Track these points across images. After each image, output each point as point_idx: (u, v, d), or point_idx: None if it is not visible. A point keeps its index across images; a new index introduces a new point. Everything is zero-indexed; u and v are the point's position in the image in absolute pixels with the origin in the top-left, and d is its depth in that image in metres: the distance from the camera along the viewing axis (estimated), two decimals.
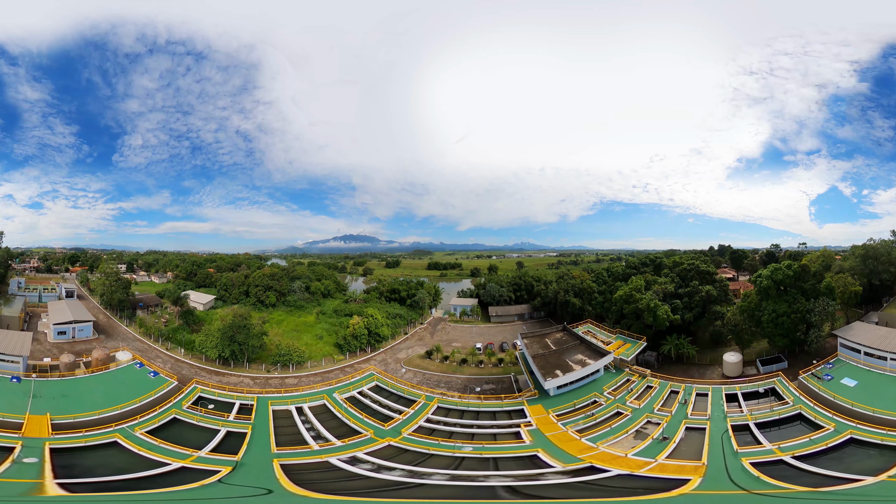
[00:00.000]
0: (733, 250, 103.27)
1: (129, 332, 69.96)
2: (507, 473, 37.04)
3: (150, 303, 78.68)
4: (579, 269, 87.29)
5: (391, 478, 36.43)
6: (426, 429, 46.70)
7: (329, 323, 76.54)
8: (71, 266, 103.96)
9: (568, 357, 55.75)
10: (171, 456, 38.03)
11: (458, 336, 77.24)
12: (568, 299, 74.13)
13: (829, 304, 56.37)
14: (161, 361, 62.26)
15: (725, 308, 65.39)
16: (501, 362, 66.50)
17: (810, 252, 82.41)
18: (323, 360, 66.79)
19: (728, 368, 59.42)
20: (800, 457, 37.02)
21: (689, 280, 65.29)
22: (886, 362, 50.46)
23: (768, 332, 58.56)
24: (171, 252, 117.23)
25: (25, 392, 46.89)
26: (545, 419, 47.47)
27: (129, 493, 32.73)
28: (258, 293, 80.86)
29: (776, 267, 58.17)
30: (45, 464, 34.15)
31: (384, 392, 55.14)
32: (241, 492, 34.06)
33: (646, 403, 50.27)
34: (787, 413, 45.83)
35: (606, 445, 41.59)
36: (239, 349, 62.52)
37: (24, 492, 30.50)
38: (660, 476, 35.51)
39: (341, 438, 43.06)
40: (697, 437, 42.71)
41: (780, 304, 57.18)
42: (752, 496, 32.29)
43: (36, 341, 61.00)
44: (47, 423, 41.36)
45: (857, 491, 31.62)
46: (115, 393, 49.18)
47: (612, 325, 65.23)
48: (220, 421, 45.95)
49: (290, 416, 48.48)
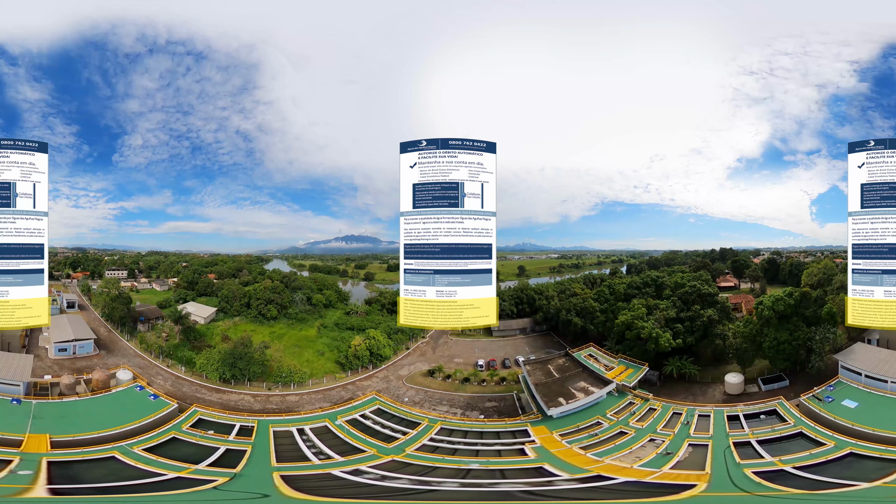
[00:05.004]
0: (735, 257, 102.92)
1: (129, 347, 69.96)
2: (516, 481, 37.67)
3: (151, 315, 78.76)
4: (580, 285, 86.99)
5: (397, 485, 36.88)
6: (430, 447, 46.97)
7: (330, 338, 76.45)
8: (72, 272, 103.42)
9: (571, 385, 56.06)
10: (168, 469, 38.36)
11: (460, 351, 77.14)
12: (570, 318, 74.29)
13: (830, 330, 56.66)
14: (162, 379, 62.47)
15: (727, 327, 65.57)
16: (504, 381, 66.62)
17: (811, 265, 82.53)
18: (325, 377, 67.01)
19: (730, 388, 60.01)
20: (800, 468, 38.02)
21: (691, 304, 65.34)
22: (887, 384, 50.73)
23: (770, 356, 59.19)
24: (172, 253, 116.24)
25: (26, 413, 47.15)
26: (549, 438, 47.96)
27: (120, 495, 33.74)
28: (259, 306, 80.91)
29: (777, 297, 58.69)
30: (41, 473, 35.20)
31: (386, 415, 55.36)
32: (236, 496, 34.54)
33: (649, 424, 50.71)
34: (788, 432, 46.13)
35: (612, 459, 42.37)
36: (240, 373, 62.81)
37: (16, 493, 32.04)
38: (667, 482, 36.72)
39: (344, 455, 43.24)
40: (700, 451, 43.45)
41: (782, 333, 57.71)
42: (756, 497, 33.73)
43: (37, 357, 60.85)
44: (46, 441, 41.82)
45: (857, 493, 33.08)
46: (115, 415, 49.29)
47: (613, 345, 65.41)
48: (220, 441, 46.18)
49: (291, 436, 48.54)
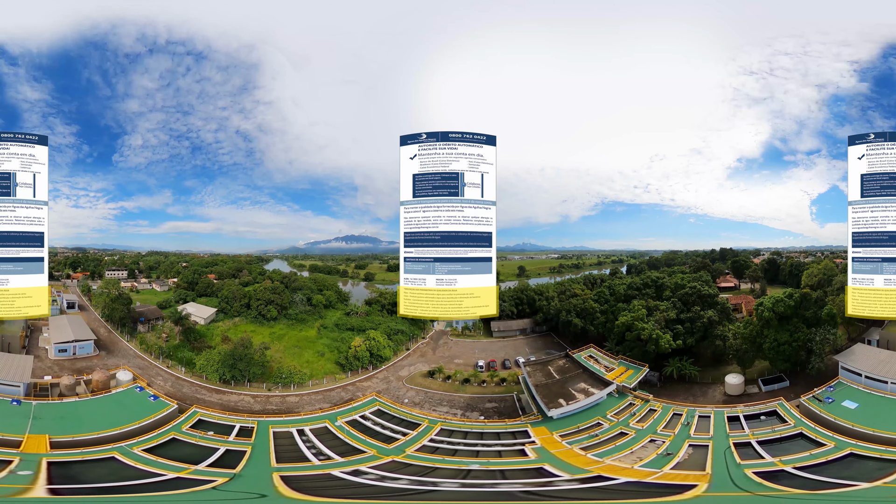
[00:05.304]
0: (735, 257, 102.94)
1: (129, 347, 70.02)
2: (517, 481, 37.82)
3: (151, 316, 78.85)
4: (580, 286, 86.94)
5: (397, 486, 37.06)
6: (430, 448, 47.15)
7: (330, 338, 76.51)
8: (72, 272, 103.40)
9: (571, 386, 56.09)
10: (168, 469, 38.52)
11: (461, 352, 77.21)
12: (570, 319, 74.30)
13: (831, 331, 56.76)
14: (162, 379, 62.55)
15: (727, 328, 65.63)
16: (504, 381, 66.67)
17: (811, 265, 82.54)
18: (325, 378, 67.06)
19: (730, 389, 60.11)
20: (801, 468, 38.17)
21: (691, 305, 65.40)
22: (887, 385, 50.81)
23: (770, 357, 59.29)
24: (172, 253, 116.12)
25: (25, 414, 47.25)
26: (549, 439, 48.06)
27: (119, 495, 34.06)
28: (259, 307, 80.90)
29: (777, 299, 58.75)
30: (41, 473, 35.48)
31: (386, 416, 55.46)
32: (234, 496, 34.72)
33: (649, 425, 50.78)
34: (788, 433, 46.23)
35: (612, 460, 42.50)
36: (240, 374, 62.94)
37: (15, 493, 32.29)
38: (667, 483, 36.92)
39: (343, 456, 43.44)
40: (701, 452, 43.56)
41: (782, 334, 57.82)
42: (757, 497, 33.90)
43: (37, 358, 60.95)
44: (46, 442, 41.96)
45: (857, 493, 33.30)
46: (115, 416, 49.39)
47: (613, 346, 65.43)
48: (220, 441, 46.35)
49: (291, 437, 48.73)
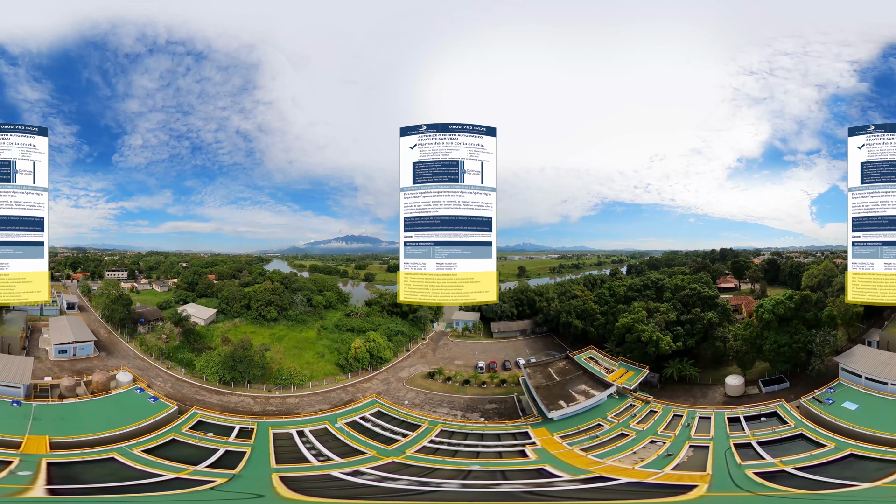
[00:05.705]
0: (735, 257, 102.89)
1: (129, 348, 70.01)
2: (518, 482, 37.81)
3: (151, 317, 78.79)
4: (580, 287, 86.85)
5: (397, 486, 37.07)
6: (430, 449, 47.16)
7: (330, 339, 76.49)
8: (72, 273, 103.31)
9: (571, 388, 56.03)
10: (167, 470, 38.59)
11: (461, 353, 77.28)
12: (570, 321, 74.30)
13: (831, 333, 56.87)
14: (162, 380, 62.54)
15: (727, 329, 65.68)
16: (504, 383, 66.66)
17: (811, 266, 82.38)
18: (325, 379, 67.02)
19: (730, 390, 60.22)
20: (801, 468, 38.23)
21: (692, 307, 65.42)
22: (887, 387, 50.90)
23: (770, 358, 59.40)
24: (172, 253, 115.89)
25: (25, 415, 47.39)
26: (550, 440, 48.07)
27: (118, 495, 34.26)
28: (259, 308, 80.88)
29: (778, 301, 58.84)
30: (40, 473, 35.58)
31: (386, 417, 55.46)
32: (233, 496, 34.74)
33: (650, 426, 50.79)
34: (788, 434, 46.30)
35: (613, 460, 42.49)
36: (240, 375, 62.94)
37: (15, 493, 32.48)
38: (668, 483, 36.95)
39: (343, 457, 43.44)
40: (701, 453, 43.59)
41: (782, 336, 57.94)
42: (757, 497, 34.00)
43: (37, 359, 60.94)
44: (46, 442, 42.05)
45: (857, 493, 33.43)
46: (115, 417, 49.45)
47: (613, 348, 65.42)
48: (220, 443, 46.40)
49: (290, 438, 48.76)
